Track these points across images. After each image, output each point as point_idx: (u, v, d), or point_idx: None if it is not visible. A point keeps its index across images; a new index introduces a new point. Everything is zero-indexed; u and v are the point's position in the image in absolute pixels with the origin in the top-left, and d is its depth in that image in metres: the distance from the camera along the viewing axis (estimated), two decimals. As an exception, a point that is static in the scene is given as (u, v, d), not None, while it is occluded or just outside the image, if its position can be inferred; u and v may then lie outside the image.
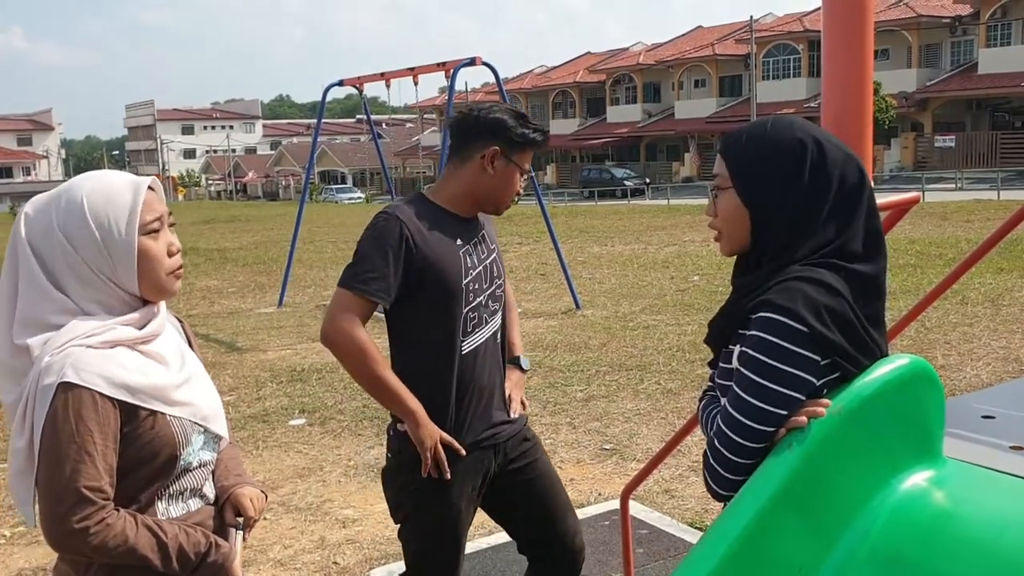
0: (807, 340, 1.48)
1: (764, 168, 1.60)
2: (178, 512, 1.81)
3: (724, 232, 1.68)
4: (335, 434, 6.26)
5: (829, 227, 1.58)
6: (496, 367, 2.58)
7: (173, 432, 1.74)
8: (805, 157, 1.58)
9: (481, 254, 2.53)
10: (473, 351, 2.49)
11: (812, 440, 1.47)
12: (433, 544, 2.54)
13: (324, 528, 4.63)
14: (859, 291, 1.56)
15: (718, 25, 57.35)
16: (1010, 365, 7.15)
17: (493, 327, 2.56)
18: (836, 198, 1.58)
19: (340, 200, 57.77)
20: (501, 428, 2.57)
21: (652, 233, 21.07)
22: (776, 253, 1.60)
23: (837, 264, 1.56)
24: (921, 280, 11.08)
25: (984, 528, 1.50)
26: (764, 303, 1.52)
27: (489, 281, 2.54)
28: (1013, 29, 39.05)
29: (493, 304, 2.56)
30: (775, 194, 1.59)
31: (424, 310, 2.44)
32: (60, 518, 1.60)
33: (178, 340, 1.90)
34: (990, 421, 2.39)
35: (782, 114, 1.75)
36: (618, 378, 7.38)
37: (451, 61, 10.51)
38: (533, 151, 2.55)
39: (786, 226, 1.59)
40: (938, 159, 39.15)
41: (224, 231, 29.91)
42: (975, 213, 20.71)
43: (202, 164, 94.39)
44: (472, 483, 2.53)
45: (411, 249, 2.38)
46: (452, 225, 2.49)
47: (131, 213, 1.70)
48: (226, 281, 15.84)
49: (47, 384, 1.62)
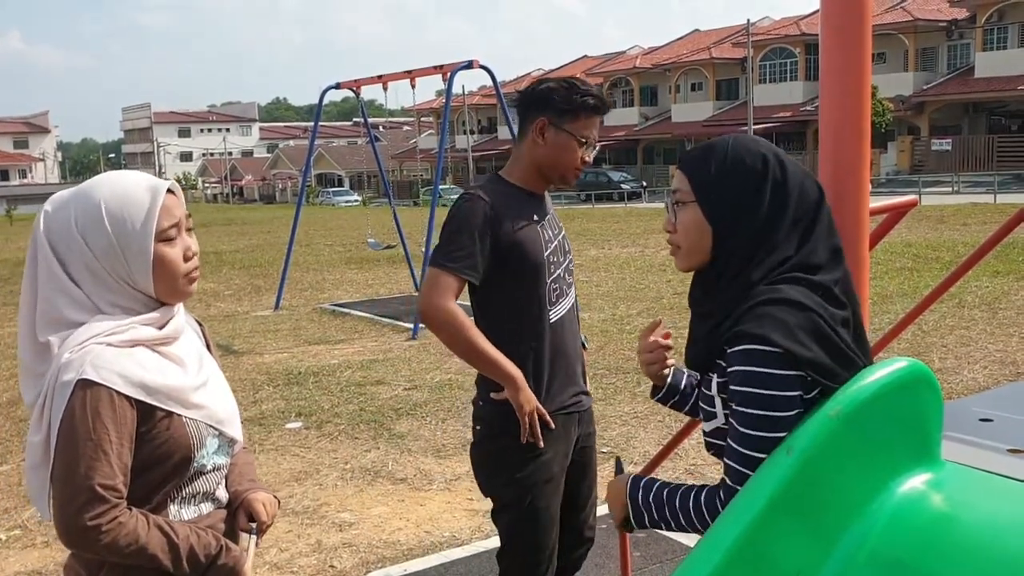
0: (782, 360, 1.49)
1: (727, 184, 1.61)
2: (190, 515, 1.81)
3: (683, 247, 1.68)
4: (332, 437, 6.25)
5: (789, 242, 1.60)
6: (575, 337, 2.70)
7: (188, 434, 1.75)
8: (767, 173, 1.61)
9: (553, 229, 2.66)
10: (560, 320, 2.62)
11: (810, 443, 1.47)
12: (531, 511, 2.59)
13: (320, 531, 4.62)
14: (823, 298, 1.57)
15: (715, 29, 57.45)
16: (1007, 368, 7.15)
17: (571, 299, 2.69)
18: (796, 214, 1.60)
19: (337, 203, 57.77)
20: (582, 398, 2.71)
21: (649, 236, 21.09)
22: (736, 269, 1.61)
23: (798, 277, 1.57)
24: (918, 283, 11.09)
25: (982, 531, 1.49)
26: (737, 335, 1.54)
27: (563, 255, 2.67)
28: (1009, 33, 39.16)
29: (568, 277, 2.68)
30: (738, 211, 1.61)
31: (513, 283, 2.56)
32: (73, 515, 1.61)
33: (197, 343, 1.91)
34: (988, 424, 2.39)
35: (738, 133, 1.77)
36: (615, 381, 7.38)
37: (448, 64, 10.51)
38: (590, 118, 2.55)
39: (747, 241, 1.60)
40: (935, 162, 39.24)
41: (221, 234, 29.88)
42: (972, 216, 20.75)
43: (199, 167, 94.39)
44: (564, 448, 2.63)
45: (496, 226, 2.51)
46: (527, 202, 2.61)
47: (148, 218, 1.70)
48: (223, 284, 15.82)
49: (66, 380, 1.62)
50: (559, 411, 2.59)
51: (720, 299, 1.62)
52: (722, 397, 1.62)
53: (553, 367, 2.60)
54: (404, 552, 4.30)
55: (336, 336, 10.13)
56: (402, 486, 5.20)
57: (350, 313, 11.64)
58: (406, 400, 6.97)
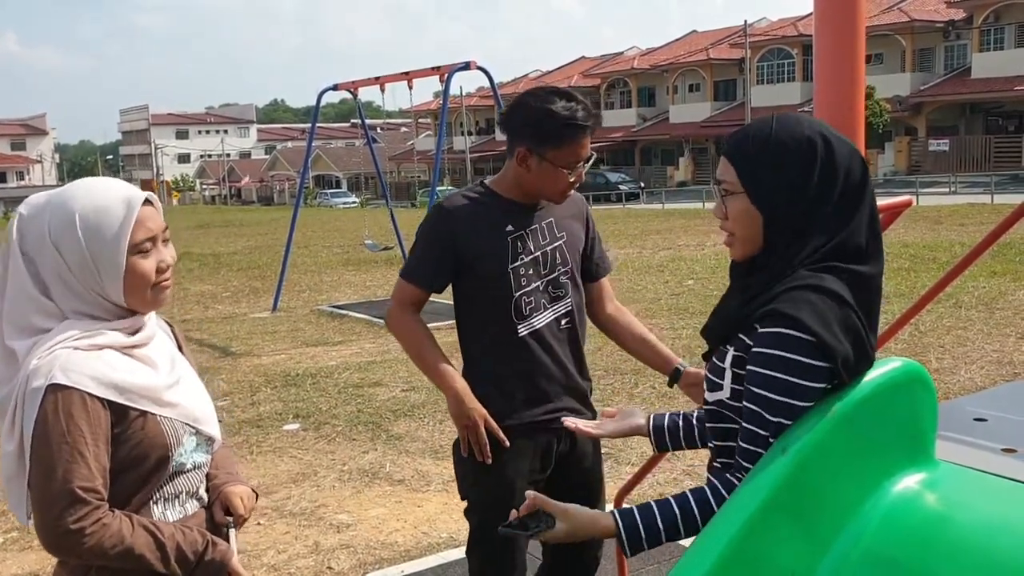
0: (815, 349, 1.48)
1: (775, 172, 1.58)
2: (175, 515, 1.80)
3: (739, 235, 1.65)
4: (329, 439, 6.24)
5: (833, 223, 1.57)
6: (565, 351, 2.60)
7: (164, 432, 1.73)
8: (815, 156, 1.57)
9: (540, 240, 2.55)
10: (532, 334, 2.53)
11: (804, 443, 1.47)
12: (488, 520, 2.57)
13: (318, 533, 4.62)
14: (860, 294, 1.56)
15: (713, 30, 57.46)
16: (1004, 368, 7.16)
17: (555, 313, 2.58)
18: (842, 193, 1.57)
19: (335, 204, 57.75)
20: (565, 414, 2.54)
21: (647, 237, 21.09)
22: (785, 250, 1.59)
23: (840, 268, 1.55)
24: (915, 284, 11.10)
25: (976, 530, 1.50)
26: (770, 314, 1.52)
27: (549, 267, 2.56)
28: (1006, 33, 39.23)
29: (555, 291, 2.57)
30: (787, 196, 1.58)
31: (475, 294, 2.55)
32: (55, 520, 1.59)
33: (168, 344, 1.89)
34: (982, 424, 2.39)
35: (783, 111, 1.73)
36: (613, 382, 7.38)
37: (446, 65, 10.52)
38: (575, 142, 2.40)
39: (797, 224, 1.58)
40: (932, 163, 39.28)
41: (219, 236, 29.87)
42: (969, 217, 20.77)
43: (196, 169, 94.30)
44: (530, 463, 2.57)
45: (457, 237, 2.49)
46: (506, 212, 2.53)
47: (121, 231, 1.68)
48: (220, 286, 15.81)
49: (36, 387, 1.61)
50: (528, 426, 2.53)
51: (763, 274, 1.60)
52: (734, 371, 1.60)
53: (521, 381, 2.53)
54: (402, 553, 4.30)
55: (334, 338, 10.12)
56: (400, 487, 5.20)
57: (348, 315, 11.64)
58: (404, 401, 6.97)
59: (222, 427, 1.95)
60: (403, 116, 72.63)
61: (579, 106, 2.39)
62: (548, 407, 2.57)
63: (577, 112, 2.38)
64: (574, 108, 2.38)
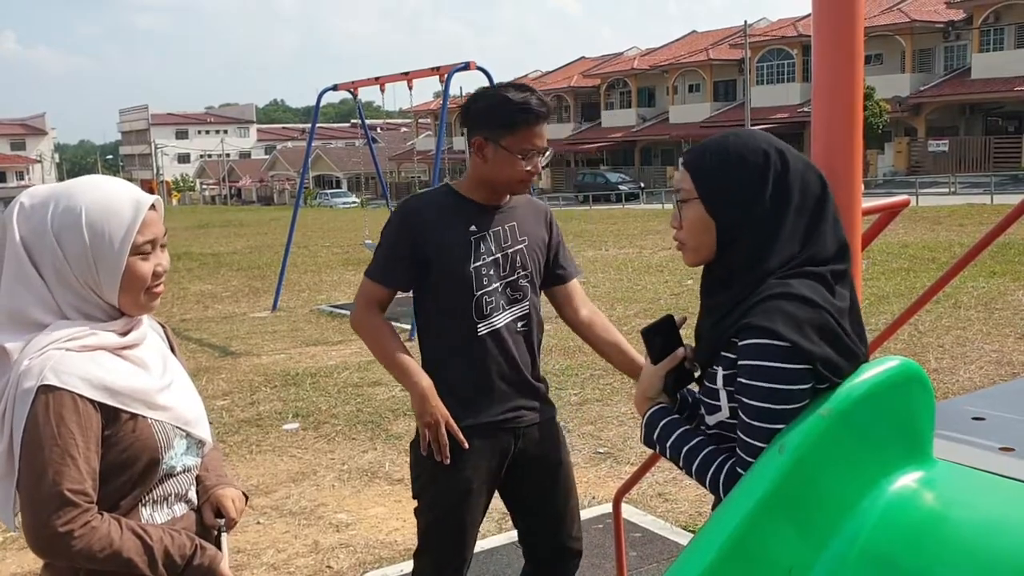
0: (792, 354, 1.50)
1: (729, 179, 1.63)
2: (163, 518, 1.79)
3: (689, 244, 1.70)
4: (329, 438, 6.25)
5: (795, 238, 1.61)
6: (521, 353, 2.62)
7: (154, 435, 1.73)
8: (768, 167, 1.61)
9: (503, 241, 2.58)
10: (490, 333, 2.56)
11: (802, 442, 1.48)
12: (440, 520, 2.60)
13: (318, 532, 4.62)
14: (832, 291, 1.58)
15: (712, 30, 57.45)
16: (1003, 368, 7.17)
17: (514, 314, 2.61)
18: (799, 207, 1.61)
19: (335, 204, 57.76)
20: (522, 412, 2.63)
21: (646, 237, 21.09)
22: (747, 266, 1.62)
23: (807, 271, 1.58)
24: (914, 284, 11.11)
25: (974, 529, 1.50)
26: (746, 328, 1.55)
27: (509, 269, 2.59)
28: (1006, 34, 39.21)
29: (515, 293, 2.61)
30: (741, 205, 1.62)
31: (436, 294, 2.57)
32: (43, 522, 1.58)
33: (160, 346, 1.88)
34: (980, 423, 2.40)
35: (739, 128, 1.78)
36: (612, 382, 7.39)
37: (445, 66, 10.51)
38: (529, 129, 2.47)
39: (753, 237, 1.61)
40: (932, 163, 39.26)
41: (218, 236, 29.87)
42: (968, 217, 20.77)
43: (196, 169, 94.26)
44: (487, 463, 2.58)
45: (418, 236, 2.52)
46: (469, 212, 2.56)
47: (127, 232, 1.68)
48: (220, 285, 15.81)
49: (27, 388, 1.60)
50: (487, 425, 2.55)
51: (731, 292, 1.63)
52: (728, 390, 1.63)
53: (479, 380, 2.55)
54: (401, 552, 4.30)
55: (333, 337, 10.13)
56: (399, 486, 5.20)
57: (347, 314, 11.59)
58: (403, 401, 6.97)
59: (222, 426, 1.96)
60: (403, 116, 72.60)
61: (532, 96, 2.47)
62: (505, 407, 2.59)
63: (531, 100, 2.46)
64: (527, 97, 2.46)
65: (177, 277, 16.36)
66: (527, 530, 2.78)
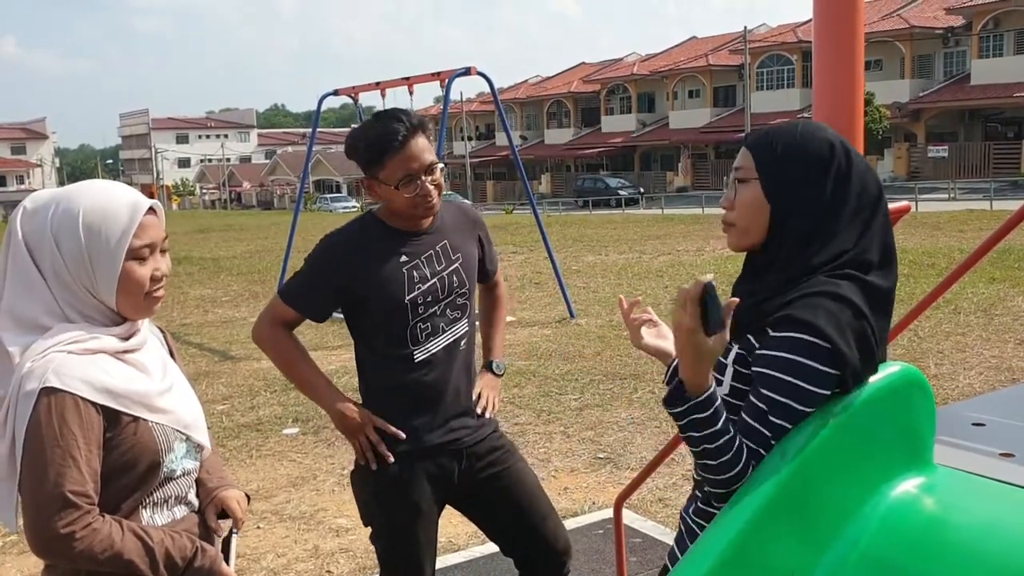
0: (828, 356, 1.49)
1: (792, 166, 1.61)
2: (164, 520, 1.80)
3: (739, 225, 1.67)
4: (328, 443, 6.25)
5: (847, 235, 1.59)
6: (461, 373, 2.59)
7: (155, 439, 1.74)
8: (832, 161, 1.60)
9: (436, 266, 2.53)
10: (428, 359, 2.51)
11: (804, 447, 1.48)
12: (396, 544, 2.57)
13: (317, 537, 4.62)
14: (874, 306, 1.57)
15: (712, 36, 57.57)
16: (1003, 374, 7.17)
17: (454, 335, 2.57)
18: (856, 206, 1.60)
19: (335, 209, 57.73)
20: (462, 433, 2.59)
21: (646, 242, 21.10)
22: (792, 255, 1.60)
23: (855, 276, 1.56)
24: (914, 290, 11.11)
25: (974, 534, 1.51)
26: (786, 319, 1.52)
27: (447, 291, 2.53)
28: (1005, 40, 39.28)
29: (453, 313, 2.56)
30: (799, 193, 1.60)
31: (370, 325, 2.52)
32: (45, 523, 1.59)
33: (160, 350, 1.89)
34: (980, 428, 2.40)
35: (807, 119, 1.75)
36: (612, 387, 7.39)
37: (446, 71, 10.54)
38: (397, 156, 2.38)
39: (806, 228, 1.59)
40: (931, 169, 39.31)
41: (218, 240, 29.89)
42: (968, 223, 20.78)
43: (196, 173, 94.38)
44: (433, 486, 2.55)
45: (348, 269, 2.46)
46: (397, 241, 2.50)
47: (123, 235, 1.70)
48: (220, 290, 15.82)
49: (29, 390, 1.61)
50: (430, 449, 2.52)
51: (772, 280, 1.60)
52: (736, 368, 1.61)
53: (418, 406, 2.52)
54: (401, 557, 4.30)
55: (333, 342, 10.12)
56: (399, 492, 5.20)
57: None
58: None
59: (222, 431, 1.97)
60: (403, 121, 72.48)
61: (391, 121, 2.39)
62: (446, 429, 2.55)
63: (389, 125, 2.39)
64: (385, 124, 2.39)
65: (177, 281, 16.36)
66: (509, 546, 2.74)
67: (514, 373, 7.92)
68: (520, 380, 7.75)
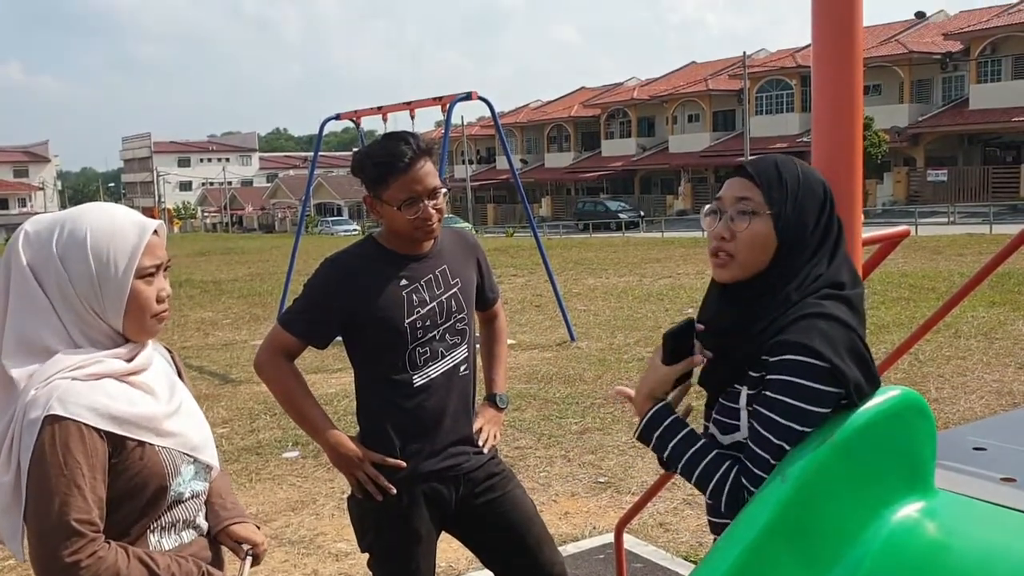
0: (828, 376, 1.51)
1: (802, 203, 1.66)
2: (171, 544, 1.79)
3: (740, 257, 1.67)
4: (328, 467, 6.21)
5: (822, 260, 1.66)
6: (459, 398, 2.58)
7: (162, 462, 1.73)
8: (827, 197, 1.69)
9: (436, 290, 2.53)
10: (427, 384, 2.51)
11: (804, 471, 1.48)
12: (395, 570, 2.55)
13: (317, 561, 4.59)
14: (855, 316, 1.61)
15: (711, 60, 57.91)
16: (1004, 398, 7.15)
17: (453, 360, 2.56)
18: (836, 236, 1.68)
19: (336, 232, 57.85)
20: (461, 459, 2.57)
21: (646, 265, 21.10)
22: (782, 287, 1.63)
23: (834, 294, 1.61)
24: (914, 313, 11.10)
25: (975, 560, 1.50)
26: (782, 344, 1.55)
27: (446, 316, 2.53)
28: (1003, 65, 39.50)
29: (452, 338, 2.55)
30: (805, 229, 1.65)
31: (370, 349, 2.52)
32: (51, 553, 1.58)
33: (167, 370, 1.89)
34: (981, 453, 2.39)
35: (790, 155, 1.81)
36: (613, 411, 7.37)
37: (447, 96, 10.59)
38: (402, 177, 2.40)
39: (800, 261, 1.65)
40: (930, 193, 39.41)
41: (219, 263, 29.90)
42: (968, 247, 20.79)
43: (198, 196, 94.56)
44: (432, 512, 2.55)
45: (348, 294, 2.46)
46: (397, 265, 2.50)
47: (131, 255, 1.70)
48: (221, 313, 15.81)
49: (33, 418, 1.61)
50: (428, 475, 2.51)
51: (760, 313, 1.63)
52: (750, 410, 1.62)
53: (416, 431, 2.51)
54: (400, 582, 4.27)
55: (333, 365, 10.10)
56: (399, 516, 5.17)
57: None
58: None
59: (222, 454, 1.96)
60: (404, 145, 72.77)
61: (399, 143, 2.41)
62: (444, 455, 2.54)
63: (396, 147, 2.40)
64: (393, 145, 2.41)
65: (178, 304, 16.35)
66: (504, 573, 2.71)
67: (515, 396, 7.91)
68: (521, 403, 7.73)
